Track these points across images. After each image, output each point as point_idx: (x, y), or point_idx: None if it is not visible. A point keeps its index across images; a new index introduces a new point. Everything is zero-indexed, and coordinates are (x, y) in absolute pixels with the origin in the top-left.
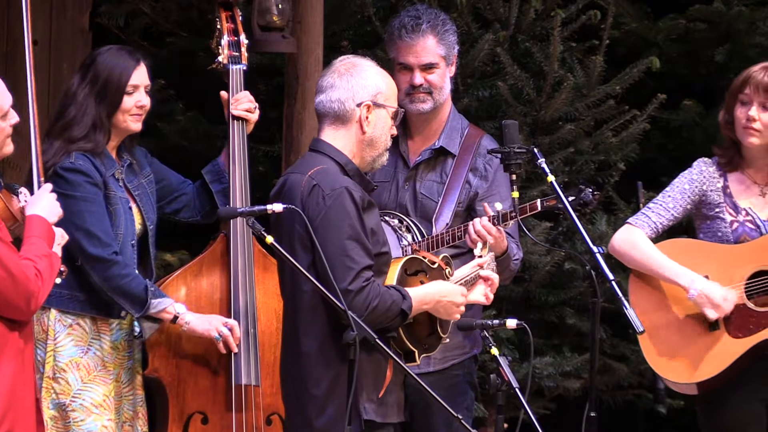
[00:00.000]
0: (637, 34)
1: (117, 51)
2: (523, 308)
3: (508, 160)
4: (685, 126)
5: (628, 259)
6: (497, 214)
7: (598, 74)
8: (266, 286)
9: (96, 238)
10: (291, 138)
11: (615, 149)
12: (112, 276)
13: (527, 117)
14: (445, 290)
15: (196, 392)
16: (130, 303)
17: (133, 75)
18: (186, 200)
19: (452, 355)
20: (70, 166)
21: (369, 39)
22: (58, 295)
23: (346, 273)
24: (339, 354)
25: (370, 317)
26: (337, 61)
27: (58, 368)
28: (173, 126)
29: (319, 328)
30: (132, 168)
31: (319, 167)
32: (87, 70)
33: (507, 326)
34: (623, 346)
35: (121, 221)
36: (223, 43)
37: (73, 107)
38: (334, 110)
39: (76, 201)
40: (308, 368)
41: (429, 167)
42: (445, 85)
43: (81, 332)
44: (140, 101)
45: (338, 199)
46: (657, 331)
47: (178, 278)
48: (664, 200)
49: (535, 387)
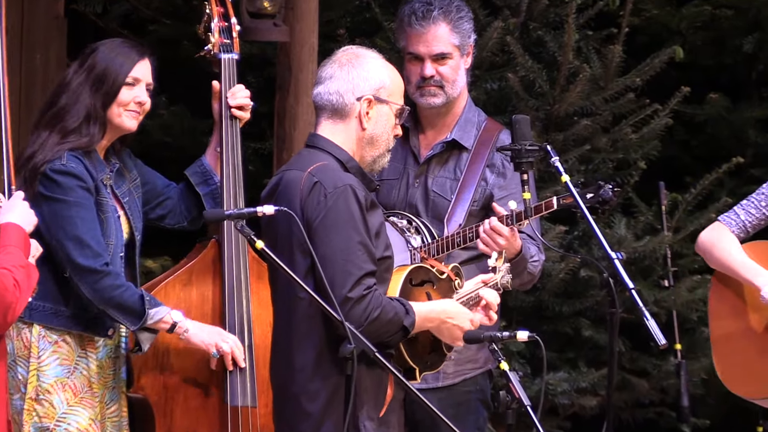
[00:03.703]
0: (658, 22)
1: (121, 42)
2: (536, 319)
3: (519, 158)
4: (711, 121)
5: (710, 257)
6: (510, 213)
7: (617, 65)
8: (260, 296)
9: (87, 247)
10: (283, 134)
11: (635, 146)
12: (104, 288)
13: (539, 111)
14: (452, 312)
15: (185, 412)
16: (125, 316)
17: (136, 66)
18: (171, 205)
19: (464, 370)
20: (61, 168)
21: (368, 27)
22: (41, 309)
23: (346, 279)
24: (337, 367)
25: (369, 329)
26: (339, 51)
27: (42, 389)
28: (155, 121)
29: (315, 339)
30: (120, 173)
31: (320, 163)
32: (86, 58)
33: (518, 339)
34: (644, 360)
35: (111, 231)
36: (212, 29)
37: (66, 95)
38: (332, 103)
39: (66, 206)
40: (303, 383)
41: (441, 162)
42: (458, 77)
43: (67, 350)
44: (139, 97)
45: (341, 198)
46: (731, 341)
47: (167, 288)
48: (757, 197)
49: (548, 405)
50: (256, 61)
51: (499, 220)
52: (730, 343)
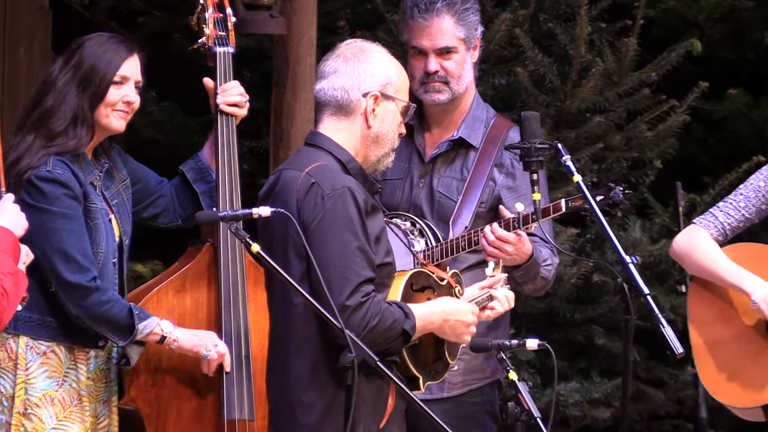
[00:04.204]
0: (675, 14)
1: (109, 38)
2: (546, 326)
3: (529, 157)
4: (731, 118)
5: (688, 262)
6: (517, 216)
7: (631, 59)
8: (257, 303)
9: (74, 261)
10: (280, 131)
11: (650, 145)
12: (92, 304)
13: (550, 108)
14: (453, 308)
15: (178, 425)
16: (113, 331)
17: (124, 64)
18: (164, 203)
19: (470, 380)
20: (46, 175)
21: (369, 19)
22: (27, 320)
23: (344, 286)
24: (334, 377)
25: (368, 337)
26: (342, 45)
27: (30, 403)
28: (145, 118)
29: (312, 347)
30: (110, 173)
31: (318, 163)
32: (72, 54)
33: (527, 347)
34: (660, 369)
35: (102, 237)
36: (206, 21)
37: (52, 95)
38: (337, 99)
39: (52, 217)
40: (298, 393)
41: (447, 162)
42: (464, 73)
43: (56, 361)
44: (128, 96)
45: (339, 201)
46: (716, 347)
47: (159, 295)
48: (735, 198)
49: (559, 416)
50: (252, 55)
51: (506, 224)
52: (717, 350)
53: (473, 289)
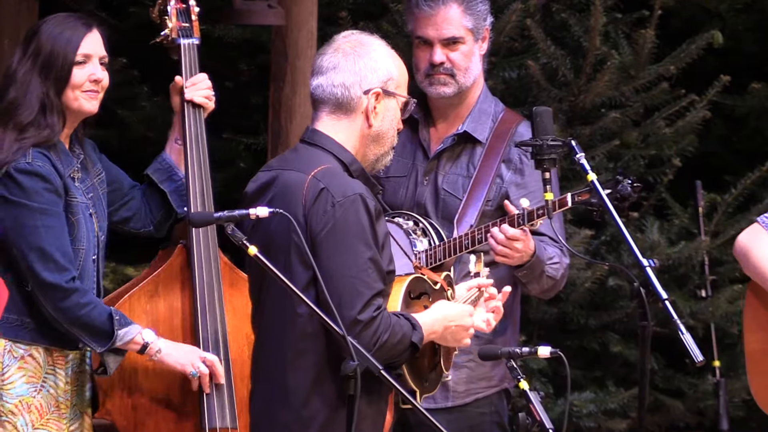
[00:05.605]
0: (695, 4)
1: (64, 18)
2: (559, 333)
3: (541, 155)
4: (753, 114)
5: (744, 263)
6: (522, 213)
7: (649, 51)
8: (234, 305)
9: (52, 261)
10: (278, 128)
11: (669, 142)
12: (70, 306)
13: (563, 103)
14: (451, 313)
15: None
16: (91, 336)
17: (83, 42)
18: (136, 207)
19: (476, 388)
20: (26, 168)
21: (372, 9)
22: (5, 322)
23: (356, 299)
24: (336, 390)
25: (378, 354)
26: (339, 37)
27: (5, 410)
28: (137, 113)
29: (313, 359)
30: (84, 165)
31: (324, 167)
32: (29, 42)
33: (539, 355)
34: (679, 379)
35: (83, 234)
36: (169, 12)
37: (13, 88)
38: (337, 97)
39: (30, 213)
40: (296, 407)
41: (453, 158)
42: (471, 65)
43: (34, 366)
44: (94, 74)
45: (351, 209)
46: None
47: (131, 300)
48: None
49: (572, 427)
50: (249, 48)
51: (510, 220)
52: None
53: (460, 290)
